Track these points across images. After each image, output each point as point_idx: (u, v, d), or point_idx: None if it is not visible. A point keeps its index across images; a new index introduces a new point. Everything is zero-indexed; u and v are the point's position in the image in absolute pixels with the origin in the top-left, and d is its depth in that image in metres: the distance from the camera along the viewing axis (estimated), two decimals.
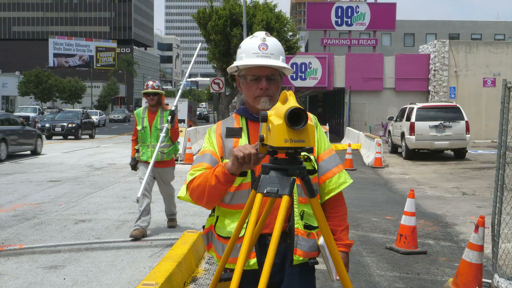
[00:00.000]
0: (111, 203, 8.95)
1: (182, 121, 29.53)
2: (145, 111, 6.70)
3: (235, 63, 2.26)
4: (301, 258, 2.19)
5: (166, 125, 6.41)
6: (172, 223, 7.11)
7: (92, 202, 9.08)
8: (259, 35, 2.25)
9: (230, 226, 2.21)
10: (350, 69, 27.40)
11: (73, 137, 28.27)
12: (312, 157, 2.25)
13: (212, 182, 2.09)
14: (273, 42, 2.23)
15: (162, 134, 6.31)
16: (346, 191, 2.37)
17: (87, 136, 29.77)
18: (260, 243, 2.16)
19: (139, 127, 6.63)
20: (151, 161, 6.18)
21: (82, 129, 28.83)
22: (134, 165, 6.76)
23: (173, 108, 6.50)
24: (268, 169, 1.89)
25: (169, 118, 6.43)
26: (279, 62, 2.21)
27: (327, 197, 2.31)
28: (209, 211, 2.01)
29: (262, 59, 2.19)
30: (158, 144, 6.29)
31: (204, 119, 60.51)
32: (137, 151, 6.67)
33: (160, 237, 6.47)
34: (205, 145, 2.31)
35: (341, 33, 34.61)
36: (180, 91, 6.59)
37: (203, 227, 2.39)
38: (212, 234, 2.32)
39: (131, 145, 6.81)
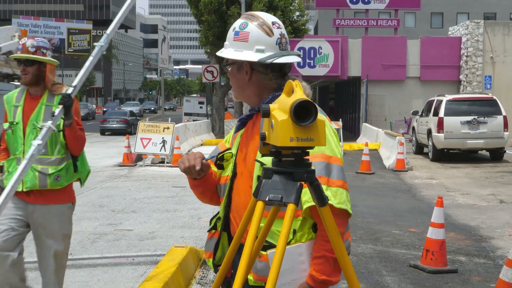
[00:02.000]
0: (85, 213, 8.95)
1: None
2: (20, 96, 4.14)
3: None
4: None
5: (48, 124, 3.59)
6: None
7: None
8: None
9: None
10: (368, 54, 27.40)
11: None
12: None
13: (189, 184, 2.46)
14: (231, 30, 2.33)
15: (37, 141, 3.48)
16: (363, 198, 2.37)
17: None
18: None
19: (5, 125, 4.09)
20: (7, 188, 3.38)
21: None
22: None
23: (69, 91, 3.77)
24: (271, 172, 1.88)
25: (57, 110, 3.71)
26: (227, 53, 2.32)
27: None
28: (203, 221, 2.12)
29: (222, 50, 2.38)
30: (28, 157, 3.44)
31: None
32: (1, 169, 4.12)
33: (143, 253, 6.47)
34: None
35: (356, 12, 34.60)
36: (92, 58, 3.67)
37: (208, 231, 2.49)
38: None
39: None
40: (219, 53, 2.34)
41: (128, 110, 37.75)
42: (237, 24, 2.31)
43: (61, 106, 3.70)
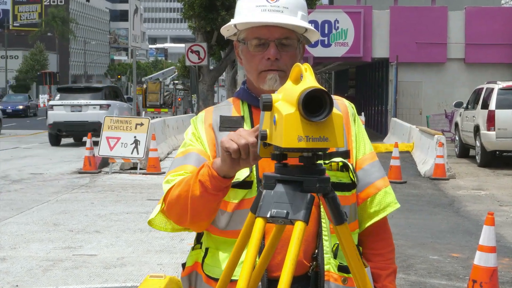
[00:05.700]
0: (35, 234, 8.95)
1: None
2: None
3: (232, 21, 2.29)
4: None
5: None
6: None
7: (7, 232, 9.08)
8: None
9: (225, 262, 2.21)
10: (397, 30, 27.41)
11: None
12: (350, 165, 2.29)
13: (195, 191, 2.08)
14: None
15: None
16: (392, 215, 2.38)
17: None
18: None
19: None
20: None
21: None
22: None
23: None
24: (274, 181, 1.88)
25: None
26: (296, 19, 2.24)
27: (367, 224, 2.35)
28: (186, 243, 2.05)
29: (270, 14, 2.22)
30: None
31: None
32: None
33: (110, 285, 6.47)
34: (187, 141, 2.33)
35: None
36: None
37: (183, 265, 2.41)
38: (197, 276, 2.34)
39: None
40: (297, 22, 2.23)
41: None
42: None
43: None
